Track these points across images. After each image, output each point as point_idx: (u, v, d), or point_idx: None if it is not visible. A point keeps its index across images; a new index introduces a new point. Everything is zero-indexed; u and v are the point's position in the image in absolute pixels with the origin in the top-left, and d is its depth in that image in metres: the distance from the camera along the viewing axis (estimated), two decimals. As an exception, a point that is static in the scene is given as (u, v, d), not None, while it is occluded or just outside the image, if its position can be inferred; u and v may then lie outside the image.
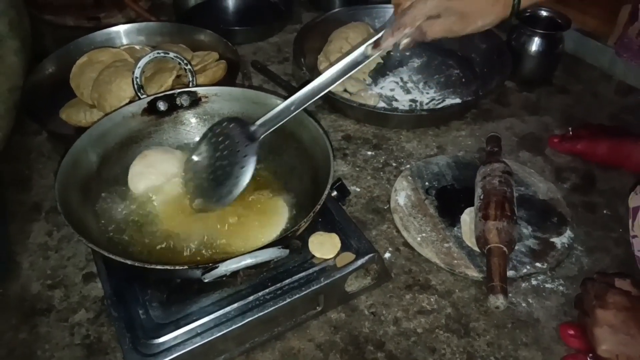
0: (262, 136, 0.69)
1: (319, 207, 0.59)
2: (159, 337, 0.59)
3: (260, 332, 0.65)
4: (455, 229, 0.78)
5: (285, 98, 0.70)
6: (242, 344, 0.64)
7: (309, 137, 0.71)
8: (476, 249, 0.74)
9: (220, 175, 0.69)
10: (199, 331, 0.60)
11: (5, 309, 0.70)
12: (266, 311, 0.62)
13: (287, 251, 0.54)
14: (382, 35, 0.69)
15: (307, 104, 0.69)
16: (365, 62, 0.70)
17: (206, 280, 0.53)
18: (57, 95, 0.92)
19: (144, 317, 0.61)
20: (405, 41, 0.69)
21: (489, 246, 0.70)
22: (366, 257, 0.67)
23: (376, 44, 0.70)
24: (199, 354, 0.60)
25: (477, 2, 0.67)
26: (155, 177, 0.71)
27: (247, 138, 0.69)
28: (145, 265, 0.53)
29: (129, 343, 0.58)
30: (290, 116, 0.69)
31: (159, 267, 0.53)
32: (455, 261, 0.74)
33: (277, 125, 0.69)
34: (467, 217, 0.79)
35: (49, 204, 0.84)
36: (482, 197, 0.76)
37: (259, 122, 0.69)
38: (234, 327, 0.60)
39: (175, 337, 0.59)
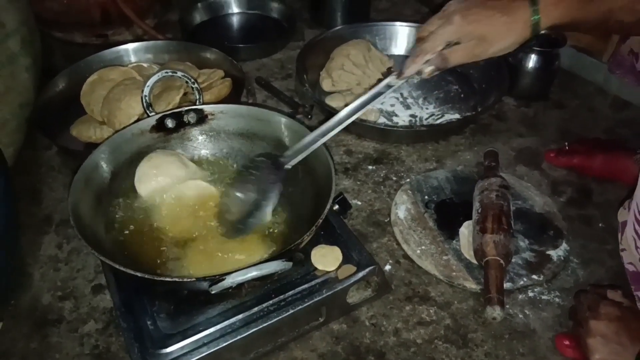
0: (289, 165, 0.71)
1: (321, 220, 0.62)
2: (167, 347, 0.61)
3: (264, 343, 0.67)
4: (454, 241, 0.81)
5: (290, 115, 0.72)
6: (247, 354, 0.66)
7: (313, 157, 0.73)
8: (474, 261, 0.76)
9: (252, 205, 0.72)
10: (205, 341, 0.62)
11: (17, 319, 0.72)
12: (270, 322, 0.64)
13: (291, 264, 0.56)
14: (404, 64, 0.71)
15: (333, 133, 0.71)
16: (389, 92, 0.73)
17: (213, 292, 0.55)
18: (67, 112, 0.95)
19: (152, 328, 0.63)
20: (428, 69, 0.70)
21: (486, 259, 0.72)
22: (367, 270, 0.69)
23: (399, 74, 0.72)
24: (205, 363, 0.62)
25: (496, 24, 0.67)
26: (162, 179, 0.74)
27: (276, 168, 0.71)
28: (155, 277, 0.55)
29: (138, 353, 0.60)
30: (316, 146, 0.71)
31: (167, 279, 0.55)
32: (454, 273, 0.76)
33: (304, 154, 0.71)
34: (466, 230, 0.81)
35: (59, 217, 0.87)
36: (479, 211, 0.78)
37: (287, 153, 0.72)
38: (239, 337, 0.62)
39: (183, 347, 0.61)
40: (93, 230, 0.64)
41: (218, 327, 0.63)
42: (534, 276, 0.76)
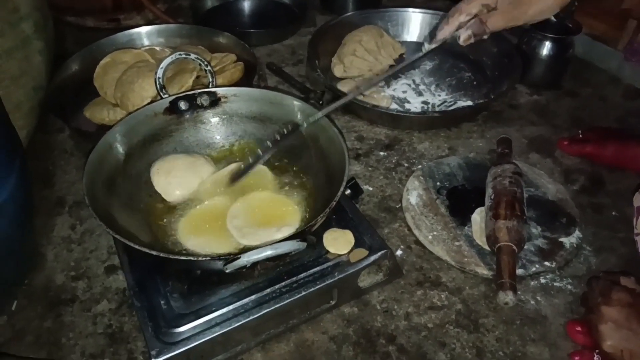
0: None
1: (334, 203, 0.62)
2: (180, 326, 0.61)
3: (275, 324, 0.67)
4: (466, 228, 0.80)
5: (303, 99, 0.72)
6: (259, 335, 0.66)
7: (326, 137, 0.73)
8: (486, 247, 0.76)
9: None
10: (217, 321, 0.62)
11: (31, 299, 0.73)
12: (282, 303, 0.64)
13: (305, 244, 0.56)
14: (439, 27, 0.70)
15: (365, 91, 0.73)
16: (422, 55, 0.73)
17: (228, 271, 0.55)
18: (80, 95, 0.95)
19: (165, 307, 0.63)
20: (465, 34, 0.67)
21: (498, 244, 0.72)
22: (379, 254, 0.69)
23: (432, 36, 0.71)
24: (217, 343, 0.62)
25: None
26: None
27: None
28: (169, 256, 0.55)
29: (151, 332, 0.61)
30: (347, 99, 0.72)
31: (182, 257, 0.56)
32: (466, 259, 0.76)
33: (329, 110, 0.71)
34: (478, 216, 0.81)
35: (72, 198, 0.87)
36: (492, 197, 0.78)
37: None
38: (251, 318, 0.63)
39: (195, 327, 0.62)
40: (107, 210, 0.65)
41: (230, 307, 0.63)
42: (546, 263, 0.76)
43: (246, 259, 0.54)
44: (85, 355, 0.66)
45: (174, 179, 0.73)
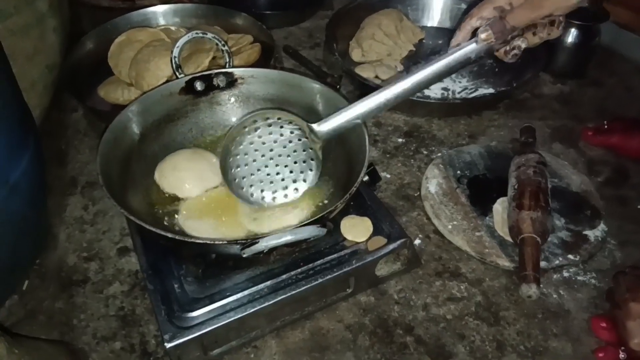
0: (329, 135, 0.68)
1: (354, 189, 0.60)
2: (193, 310, 0.60)
3: (290, 311, 0.65)
4: (487, 218, 0.78)
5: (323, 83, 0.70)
6: (273, 322, 0.65)
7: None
8: (508, 238, 0.74)
9: (280, 173, 0.69)
10: (232, 306, 0.61)
11: (43, 278, 0.72)
12: (298, 290, 0.62)
13: (325, 230, 0.54)
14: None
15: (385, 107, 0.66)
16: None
17: (245, 256, 0.53)
18: (95, 74, 0.93)
19: (179, 291, 0.62)
20: (484, 34, 0.61)
21: (522, 236, 0.70)
22: (398, 242, 0.67)
23: (451, 44, 0.68)
24: (231, 328, 0.61)
25: None
26: (200, 173, 0.72)
27: (312, 138, 0.68)
28: (185, 239, 0.54)
29: (164, 315, 0.60)
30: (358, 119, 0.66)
31: (198, 241, 0.54)
32: (487, 250, 0.74)
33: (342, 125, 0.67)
34: (500, 206, 0.78)
35: (85, 179, 0.86)
36: (516, 187, 0.75)
37: (325, 122, 0.67)
38: (266, 304, 0.61)
39: (209, 312, 0.60)
40: (121, 191, 0.63)
41: (245, 292, 0.62)
42: (570, 256, 0.73)
43: (264, 243, 0.52)
44: (97, 337, 0.65)
45: (181, 172, 0.71)
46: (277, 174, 0.69)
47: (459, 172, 0.86)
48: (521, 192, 0.74)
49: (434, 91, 1.03)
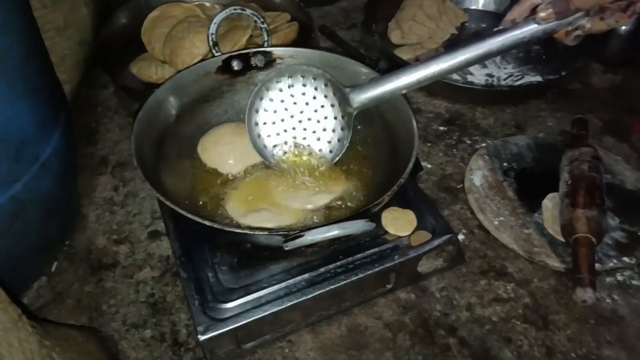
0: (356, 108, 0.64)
1: (403, 180, 0.56)
2: (228, 301, 0.57)
3: (327, 306, 0.62)
4: (536, 214, 0.73)
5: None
6: (309, 316, 0.62)
7: (390, 106, 0.67)
8: (558, 237, 0.69)
9: (307, 138, 0.66)
10: (268, 299, 0.58)
11: (72, 260, 0.70)
12: (337, 285, 0.59)
13: (374, 225, 0.50)
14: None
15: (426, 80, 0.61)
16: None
17: (287, 249, 0.50)
18: (127, 50, 0.90)
19: (213, 280, 0.59)
20: (544, 12, 0.55)
21: (576, 235, 0.65)
22: (443, 238, 0.63)
23: (505, 19, 0.63)
24: (267, 322, 0.58)
25: None
26: (242, 148, 0.69)
27: (345, 105, 0.64)
28: (225, 228, 0.51)
29: (198, 306, 0.57)
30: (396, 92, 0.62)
31: (239, 230, 0.51)
32: (536, 249, 0.69)
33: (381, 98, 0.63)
34: (550, 202, 0.74)
35: (115, 158, 0.83)
36: (569, 183, 0.71)
37: (361, 89, 0.63)
38: (304, 298, 0.58)
39: (245, 304, 0.57)
40: (156, 174, 0.60)
41: (282, 285, 0.59)
42: (625, 258, 0.68)
43: (310, 237, 0.48)
44: (127, 324, 0.63)
45: (223, 147, 0.68)
46: (304, 138, 0.67)
47: (505, 164, 0.81)
48: (575, 188, 0.69)
49: (478, 77, 0.98)
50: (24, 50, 0.56)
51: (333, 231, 0.48)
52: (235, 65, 0.72)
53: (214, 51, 0.72)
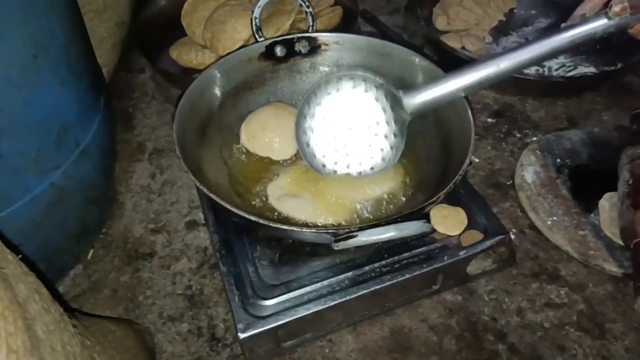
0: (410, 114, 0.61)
1: (459, 177, 0.52)
2: (269, 298, 0.55)
3: (370, 305, 0.60)
4: (592, 215, 0.69)
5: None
6: (351, 316, 0.59)
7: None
8: (617, 240, 0.65)
9: (357, 145, 0.63)
10: (310, 297, 0.55)
11: (108, 249, 0.69)
12: (382, 285, 0.56)
13: (431, 227, 0.47)
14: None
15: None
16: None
17: (337, 248, 0.47)
18: (166, 33, 0.88)
19: (253, 276, 0.57)
20: (618, 6, 0.51)
21: (637, 240, 0.61)
22: (496, 239, 0.60)
23: (575, 13, 0.58)
24: (308, 321, 0.55)
25: None
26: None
27: (398, 110, 0.61)
28: (271, 224, 0.48)
29: (238, 302, 0.55)
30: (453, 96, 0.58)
31: (285, 227, 0.48)
32: (591, 252, 0.65)
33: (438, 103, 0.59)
34: (607, 203, 0.69)
35: (152, 145, 0.82)
36: (630, 182, 0.66)
37: (416, 93, 0.60)
38: (347, 298, 0.55)
39: (286, 301, 0.55)
40: (197, 164, 0.58)
41: (325, 283, 0.56)
42: (690, 266, 0.64)
43: (364, 238, 0.46)
44: (164, 317, 0.62)
45: (271, 133, 0.65)
46: (355, 145, 0.63)
47: (558, 160, 0.76)
48: (637, 189, 0.65)
49: (528, 67, 0.93)
50: (66, 33, 0.54)
51: (389, 233, 0.45)
52: (279, 51, 0.69)
53: (257, 36, 0.69)
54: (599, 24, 0.53)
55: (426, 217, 0.59)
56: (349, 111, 0.63)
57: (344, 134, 0.63)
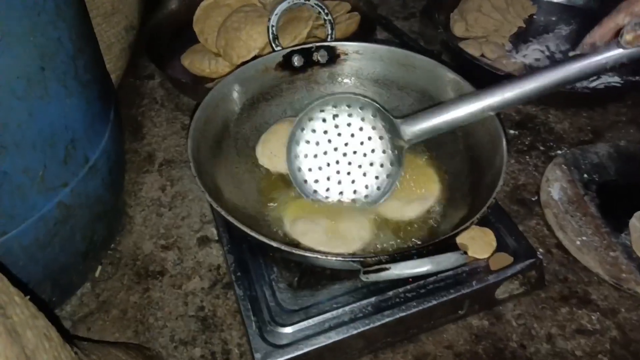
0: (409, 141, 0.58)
1: (493, 200, 0.49)
2: (288, 325, 0.52)
3: (394, 333, 0.56)
4: (623, 235, 0.66)
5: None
6: (373, 343, 0.56)
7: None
8: (650, 263, 0.62)
9: (351, 173, 0.61)
10: (332, 324, 0.52)
11: (117, 266, 0.66)
12: (409, 312, 0.53)
13: (468, 258, 0.44)
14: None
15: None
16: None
17: (366, 280, 0.44)
18: (176, 39, 0.85)
19: (271, 300, 0.54)
20: (630, 34, 0.47)
21: (674, 264, 0.58)
22: (526, 262, 0.57)
23: (584, 42, 0.55)
24: (329, 350, 0.52)
25: None
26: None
27: (395, 138, 0.58)
28: (293, 250, 0.45)
29: (256, 329, 0.52)
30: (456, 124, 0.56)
31: (307, 254, 0.45)
32: (623, 275, 0.62)
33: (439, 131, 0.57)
34: (638, 222, 0.66)
35: (162, 155, 0.79)
36: (664, 202, 0.63)
37: (415, 120, 0.57)
38: (371, 326, 0.52)
39: (306, 329, 0.52)
40: (213, 181, 0.55)
41: (347, 309, 0.53)
42: None
43: (397, 272, 0.42)
44: (175, 341, 0.59)
45: None
46: (348, 173, 0.61)
47: (585, 175, 0.73)
48: (672, 209, 0.62)
49: (550, 76, 0.90)
50: (75, 42, 0.51)
51: (424, 266, 0.42)
52: (296, 61, 0.66)
53: (273, 45, 0.66)
54: (611, 54, 0.50)
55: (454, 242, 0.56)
56: (343, 137, 0.61)
57: (338, 161, 0.61)
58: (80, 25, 0.54)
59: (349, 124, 0.60)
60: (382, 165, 0.60)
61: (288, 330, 0.52)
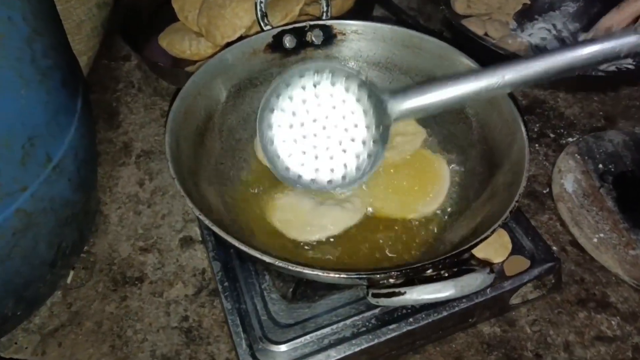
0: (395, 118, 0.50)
1: (516, 204, 0.43)
2: (282, 342, 0.47)
3: (400, 345, 0.51)
4: (643, 231, 0.61)
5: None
6: (375, 358, 0.51)
7: (486, 103, 0.54)
8: (674, 262, 0.57)
9: (330, 149, 0.52)
10: (331, 341, 0.47)
11: (91, 272, 0.59)
12: (417, 325, 0.48)
13: (494, 277, 0.38)
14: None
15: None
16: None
17: (375, 303, 0.39)
18: (154, 16, 0.77)
19: (262, 313, 0.48)
20: None
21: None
22: (545, 266, 0.52)
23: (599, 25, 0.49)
24: (330, 369, 0.47)
25: None
26: None
27: (381, 114, 0.50)
28: (296, 267, 0.38)
29: (246, 347, 0.46)
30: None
31: (306, 270, 0.39)
32: (645, 275, 0.57)
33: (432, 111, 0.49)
34: (659, 218, 0.61)
35: (140, 146, 0.72)
36: (689, 197, 0.58)
37: (406, 95, 0.49)
38: (376, 341, 0.47)
39: (303, 346, 0.47)
40: (195, 182, 0.49)
41: (347, 322, 0.48)
42: None
43: (413, 297, 0.36)
44: (157, 356, 0.53)
45: None
46: (327, 149, 0.52)
47: (600, 165, 0.68)
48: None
49: (558, 57, 0.84)
50: (30, 21, 0.44)
51: (445, 292, 0.36)
52: (288, 42, 0.59)
53: (262, 24, 0.59)
54: (627, 41, 0.44)
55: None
56: (324, 109, 0.52)
57: (316, 134, 0.52)
58: (37, 2, 0.47)
59: (331, 95, 0.51)
60: (364, 143, 0.51)
61: (282, 348, 0.46)
